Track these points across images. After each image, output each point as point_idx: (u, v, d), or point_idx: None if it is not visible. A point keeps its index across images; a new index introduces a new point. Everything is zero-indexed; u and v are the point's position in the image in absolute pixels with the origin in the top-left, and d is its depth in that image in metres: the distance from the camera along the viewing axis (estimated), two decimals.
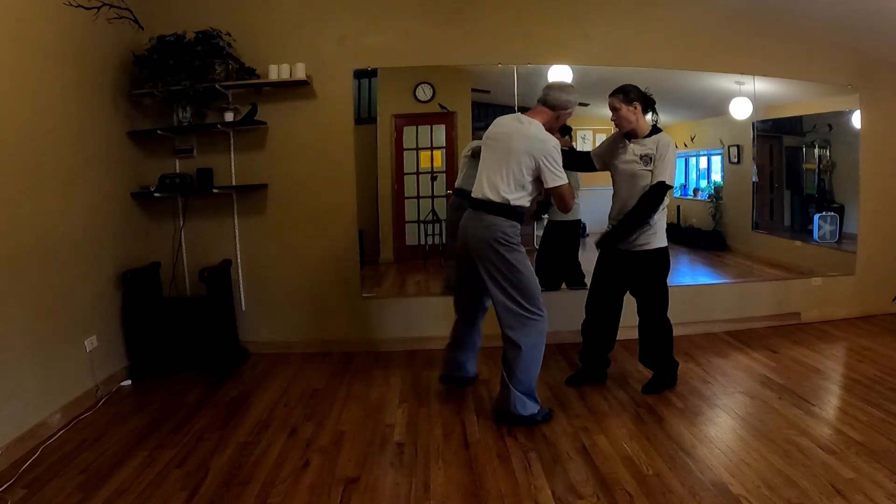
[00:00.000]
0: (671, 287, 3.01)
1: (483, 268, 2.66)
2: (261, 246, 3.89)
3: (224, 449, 2.57)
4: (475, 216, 2.69)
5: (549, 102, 2.74)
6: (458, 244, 2.79)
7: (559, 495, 2.15)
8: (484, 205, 2.65)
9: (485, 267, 2.66)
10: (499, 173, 2.64)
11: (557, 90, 2.75)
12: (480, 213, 2.66)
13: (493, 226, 2.62)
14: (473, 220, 2.69)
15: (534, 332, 2.66)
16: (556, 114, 2.74)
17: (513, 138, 2.64)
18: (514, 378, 2.67)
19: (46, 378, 2.78)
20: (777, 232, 4.67)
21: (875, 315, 4.40)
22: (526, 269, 2.66)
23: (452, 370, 3.14)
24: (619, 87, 2.91)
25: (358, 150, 3.86)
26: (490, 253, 2.63)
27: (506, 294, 2.65)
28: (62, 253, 2.95)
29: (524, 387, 2.68)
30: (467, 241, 2.70)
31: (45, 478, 2.34)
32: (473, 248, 2.67)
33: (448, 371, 3.15)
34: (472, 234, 2.68)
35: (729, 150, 4.47)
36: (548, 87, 2.77)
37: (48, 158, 2.87)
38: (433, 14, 3.83)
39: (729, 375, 3.32)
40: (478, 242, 2.65)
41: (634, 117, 2.87)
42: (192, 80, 3.48)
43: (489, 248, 2.62)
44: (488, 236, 2.62)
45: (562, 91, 2.75)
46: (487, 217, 2.64)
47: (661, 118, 3.22)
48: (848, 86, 4.25)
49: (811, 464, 2.29)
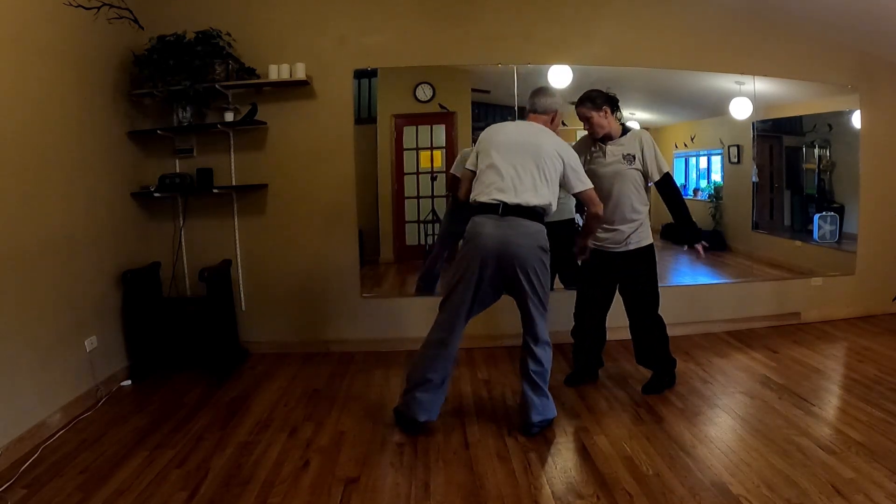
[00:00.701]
0: (671, 287, 3.02)
1: (525, 278, 2.53)
2: (261, 246, 3.89)
3: (224, 449, 2.57)
4: (513, 223, 2.51)
5: (539, 109, 2.72)
6: (487, 254, 2.52)
7: (559, 495, 2.14)
8: (523, 211, 2.52)
9: (527, 277, 2.53)
10: (532, 177, 2.54)
11: (543, 96, 2.74)
12: (519, 219, 2.51)
13: (538, 233, 2.55)
14: (512, 228, 2.51)
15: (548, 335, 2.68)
16: (550, 118, 2.73)
17: (541, 141, 2.58)
18: (545, 384, 2.65)
19: (46, 378, 2.78)
20: (777, 232, 4.66)
21: (875, 315, 4.40)
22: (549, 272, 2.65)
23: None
24: (583, 95, 2.91)
25: (358, 150, 3.86)
26: (535, 262, 2.53)
27: (540, 303, 2.59)
28: (62, 253, 2.95)
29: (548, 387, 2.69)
30: (507, 250, 2.50)
31: (45, 478, 2.34)
32: (517, 257, 2.51)
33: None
34: (516, 241, 2.50)
35: (729, 150, 4.47)
36: (533, 96, 2.75)
37: (48, 158, 2.87)
38: (433, 14, 3.83)
39: (729, 375, 3.32)
40: (523, 251, 2.51)
41: (606, 121, 2.90)
42: (192, 80, 3.48)
43: (534, 257, 2.53)
44: (534, 244, 2.53)
45: (546, 95, 2.74)
46: (529, 224, 2.53)
47: (661, 118, 3.23)
48: (848, 86, 4.25)
49: (811, 464, 2.29)
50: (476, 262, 2.53)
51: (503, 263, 2.52)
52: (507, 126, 2.74)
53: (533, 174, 2.54)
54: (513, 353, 3.62)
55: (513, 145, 2.59)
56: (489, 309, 2.70)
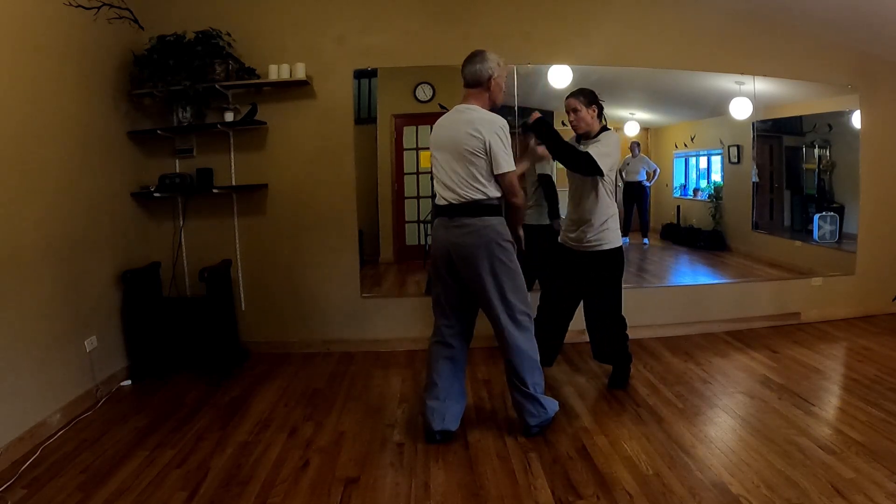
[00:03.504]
0: (671, 287, 3.02)
1: (479, 279, 2.42)
2: (261, 246, 3.89)
3: (224, 449, 2.57)
4: (460, 223, 2.41)
5: (469, 81, 2.46)
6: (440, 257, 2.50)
7: (559, 495, 2.14)
8: (470, 208, 2.40)
9: (481, 277, 2.42)
10: (467, 170, 2.39)
11: (469, 64, 2.46)
12: (466, 219, 2.40)
13: (487, 228, 2.40)
14: (459, 228, 2.41)
15: (532, 332, 2.59)
16: (486, 86, 2.45)
17: (458, 131, 2.39)
18: (534, 384, 2.55)
19: (46, 378, 2.78)
20: (777, 232, 4.67)
21: (875, 315, 4.40)
22: (519, 268, 2.51)
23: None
24: (578, 89, 2.93)
25: (358, 150, 3.86)
26: (490, 259, 2.40)
27: (506, 302, 2.46)
28: (62, 253, 2.95)
29: (542, 388, 2.60)
30: (457, 252, 2.43)
31: (45, 478, 2.34)
32: (466, 258, 2.42)
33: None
34: (462, 242, 2.41)
35: (729, 150, 4.47)
36: (462, 68, 2.49)
37: (48, 158, 2.87)
38: (433, 14, 3.83)
39: (729, 375, 3.32)
40: (470, 250, 2.40)
41: (591, 120, 2.91)
42: (192, 80, 3.48)
43: (488, 254, 2.40)
44: (485, 241, 2.39)
45: (473, 62, 2.45)
46: (476, 221, 2.40)
47: (661, 118, 3.23)
48: (848, 86, 4.25)
49: (811, 464, 2.29)
50: (436, 266, 2.56)
51: (458, 266, 2.47)
52: (442, 119, 2.53)
53: (467, 167, 2.39)
54: None
55: (443, 142, 2.46)
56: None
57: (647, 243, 4.70)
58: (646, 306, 4.01)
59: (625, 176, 4.54)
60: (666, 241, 4.78)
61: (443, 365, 2.61)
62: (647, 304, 4.03)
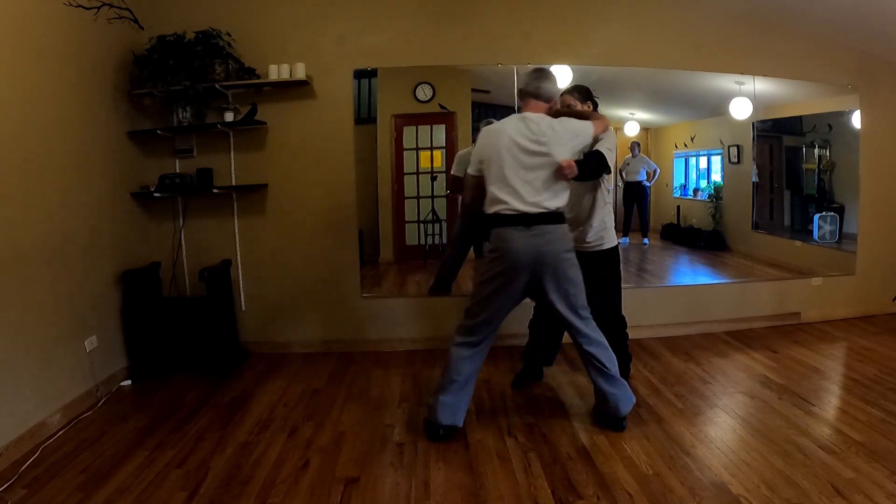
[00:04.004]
0: (672, 287, 3.01)
1: (558, 285, 2.51)
2: (261, 246, 3.89)
3: (224, 449, 2.57)
4: (540, 232, 2.46)
5: (543, 95, 2.58)
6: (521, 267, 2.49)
7: (559, 495, 2.14)
8: (546, 217, 2.48)
9: (560, 283, 2.51)
10: (542, 181, 2.48)
11: (546, 81, 2.58)
12: (545, 227, 2.47)
13: (564, 236, 2.53)
14: (540, 237, 2.46)
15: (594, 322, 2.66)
16: (549, 105, 2.61)
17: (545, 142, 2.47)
18: (616, 368, 2.65)
19: (46, 378, 2.78)
20: (777, 232, 4.67)
21: (875, 315, 4.40)
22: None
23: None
24: (573, 86, 2.95)
25: (358, 150, 3.86)
26: (566, 267, 2.51)
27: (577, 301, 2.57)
28: (62, 253, 2.95)
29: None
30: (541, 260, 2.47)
31: (45, 478, 2.34)
32: (549, 266, 2.48)
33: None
34: (545, 250, 2.47)
35: (729, 150, 4.47)
36: (536, 79, 2.58)
37: (48, 158, 2.87)
38: (433, 14, 3.83)
39: (729, 375, 3.32)
40: (552, 259, 2.48)
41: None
42: (192, 80, 3.48)
43: (564, 261, 2.50)
44: (561, 249, 2.51)
45: (550, 81, 2.59)
46: (554, 229, 2.49)
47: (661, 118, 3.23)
48: (848, 86, 4.25)
49: (811, 464, 2.29)
50: (510, 276, 2.49)
51: (537, 274, 2.49)
52: (506, 127, 2.55)
53: (542, 178, 2.47)
54: (513, 352, 3.62)
55: (516, 151, 2.48)
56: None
57: (647, 243, 4.70)
58: (646, 306, 4.01)
59: (625, 176, 4.54)
60: (666, 241, 4.78)
61: (464, 365, 2.60)
62: (647, 304, 4.03)
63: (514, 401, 3.02)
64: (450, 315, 3.94)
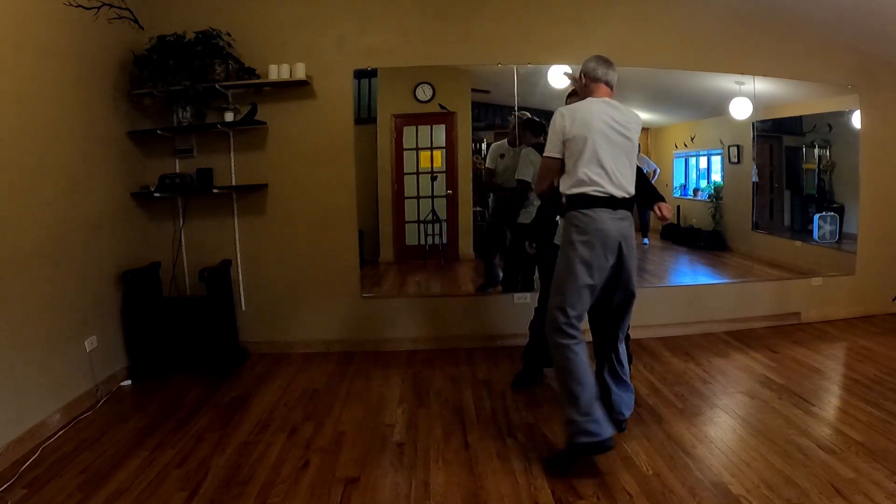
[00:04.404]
0: (672, 287, 3.01)
1: (632, 272, 2.49)
2: (261, 246, 3.89)
3: (224, 449, 2.57)
4: (626, 217, 2.44)
5: (613, 84, 2.58)
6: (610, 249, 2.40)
7: (559, 495, 2.14)
8: (629, 203, 2.46)
9: (632, 271, 2.50)
10: (628, 168, 2.45)
11: (614, 70, 2.60)
12: (628, 212, 2.46)
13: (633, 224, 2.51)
14: (625, 221, 2.43)
15: None
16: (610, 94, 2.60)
17: (630, 130, 2.47)
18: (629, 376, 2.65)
19: (46, 378, 2.78)
20: (777, 232, 4.67)
21: (875, 315, 4.40)
22: None
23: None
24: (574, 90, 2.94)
25: (358, 150, 3.86)
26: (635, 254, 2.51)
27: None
28: (62, 253, 2.95)
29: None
30: (626, 243, 2.43)
31: (45, 478, 2.34)
32: (630, 250, 2.46)
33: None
34: (629, 235, 2.45)
35: (729, 150, 4.47)
36: (609, 66, 2.58)
37: (48, 158, 2.87)
38: (433, 14, 3.83)
39: (729, 375, 3.32)
40: (632, 244, 2.47)
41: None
42: (192, 80, 3.48)
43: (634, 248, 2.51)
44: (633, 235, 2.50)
45: (615, 70, 2.60)
46: (630, 214, 2.48)
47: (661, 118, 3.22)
48: (848, 86, 4.25)
49: (811, 464, 2.29)
50: (604, 258, 2.39)
51: (620, 258, 2.43)
52: (596, 109, 2.44)
53: (627, 164, 2.45)
54: (513, 352, 3.62)
55: (609, 132, 2.41)
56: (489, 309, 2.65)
57: (647, 243, 4.70)
58: (646, 306, 4.00)
59: None
60: (666, 241, 4.78)
61: (588, 367, 2.38)
62: (647, 304, 4.01)
63: (515, 401, 3.02)
64: (449, 315, 3.94)
